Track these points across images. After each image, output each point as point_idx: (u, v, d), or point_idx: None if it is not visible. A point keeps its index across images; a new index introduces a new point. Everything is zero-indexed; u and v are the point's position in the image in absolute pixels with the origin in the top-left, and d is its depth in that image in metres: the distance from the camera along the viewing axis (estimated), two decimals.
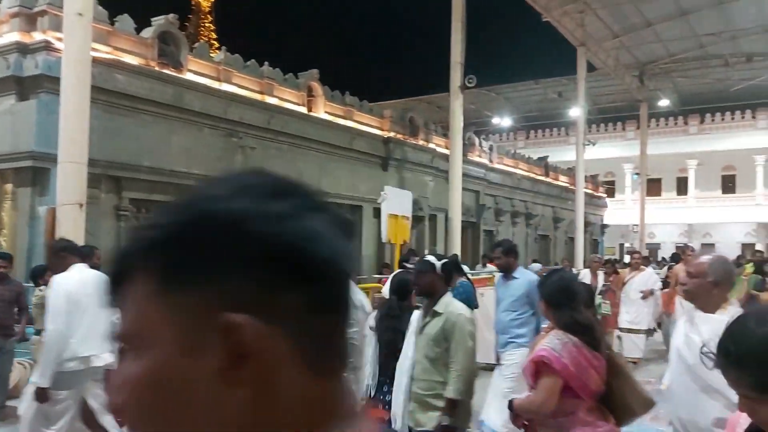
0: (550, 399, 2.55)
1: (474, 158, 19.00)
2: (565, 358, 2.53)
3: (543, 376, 2.59)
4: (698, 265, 2.74)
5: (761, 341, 1.24)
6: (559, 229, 25.12)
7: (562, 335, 2.62)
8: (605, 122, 34.95)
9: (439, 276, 3.44)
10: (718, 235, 33.83)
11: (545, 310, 2.84)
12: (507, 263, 5.20)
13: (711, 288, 2.65)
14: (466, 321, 3.32)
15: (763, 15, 21.93)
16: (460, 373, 3.24)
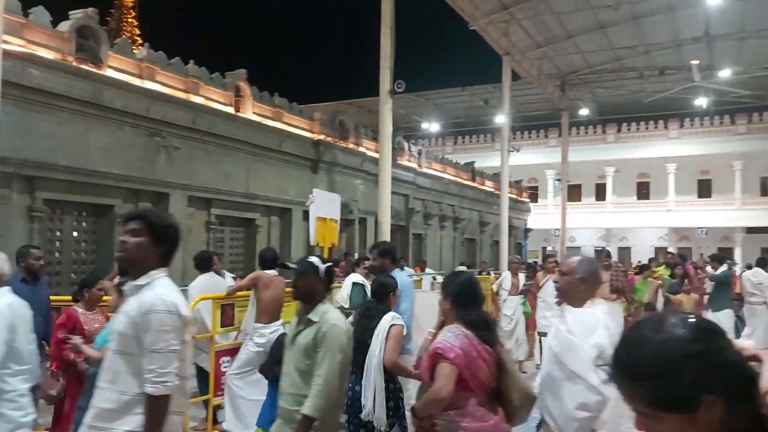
0: (447, 385, 2.66)
1: (403, 162, 19.22)
2: (458, 348, 2.70)
3: (438, 366, 2.71)
4: (568, 264, 3.02)
5: (656, 350, 1.08)
6: (485, 232, 25.76)
7: (456, 329, 2.78)
8: (529, 130, 36.14)
9: (320, 280, 3.14)
10: (633, 239, 35.65)
11: (449, 308, 2.93)
12: (382, 265, 4.92)
13: (579, 284, 2.91)
14: (339, 332, 2.97)
15: (675, 30, 23.31)
16: (322, 388, 2.86)
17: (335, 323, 2.99)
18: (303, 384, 2.98)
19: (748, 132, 31.93)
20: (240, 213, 13.41)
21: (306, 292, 3.14)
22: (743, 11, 21.54)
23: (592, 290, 2.95)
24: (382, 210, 13.93)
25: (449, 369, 2.69)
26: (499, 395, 2.84)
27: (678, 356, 1.05)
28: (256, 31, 42.57)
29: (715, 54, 24.63)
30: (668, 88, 27.24)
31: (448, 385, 2.67)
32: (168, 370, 2.13)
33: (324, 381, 2.88)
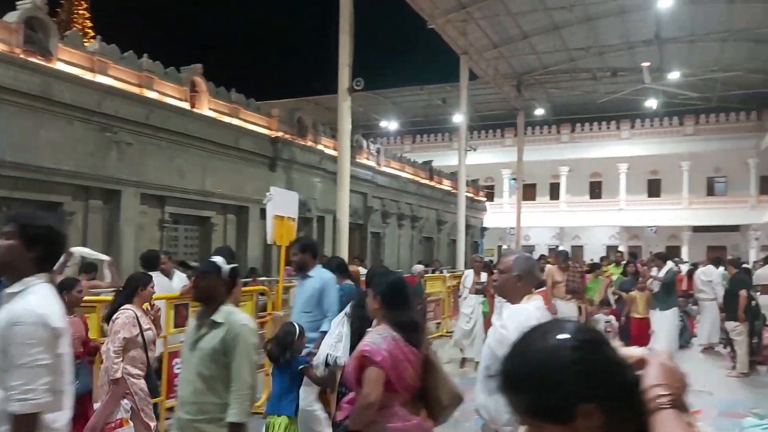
0: (376, 389, 2.66)
1: (362, 161, 19.21)
2: (384, 351, 2.68)
3: (366, 370, 2.69)
4: (505, 262, 3.06)
5: (531, 361, 1.05)
6: (443, 231, 25.97)
7: (383, 330, 2.77)
8: (486, 129, 36.60)
9: (222, 281, 2.98)
10: (586, 237, 36.48)
11: (378, 308, 2.89)
12: (302, 261, 4.78)
13: (516, 281, 2.97)
14: (250, 333, 2.89)
15: (627, 33, 23.96)
16: (247, 392, 2.82)
17: (245, 323, 2.90)
18: (208, 391, 2.84)
19: (696, 133, 33.07)
20: (195, 211, 13.18)
21: (207, 293, 2.98)
22: (692, 15, 22.29)
23: (528, 287, 3.01)
24: (341, 208, 13.92)
25: (377, 373, 2.66)
26: (423, 395, 2.84)
27: (551, 366, 1.02)
28: (213, 26, 41.95)
29: (665, 56, 25.41)
30: (620, 89, 27.98)
31: (376, 389, 2.65)
32: (34, 387, 1.94)
33: (246, 385, 2.81)
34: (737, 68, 26.41)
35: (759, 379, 7.91)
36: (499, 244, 37.27)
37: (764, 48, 25.11)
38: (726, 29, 22.72)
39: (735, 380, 8.29)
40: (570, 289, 8.91)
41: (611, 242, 34.81)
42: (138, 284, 4.52)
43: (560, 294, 8.95)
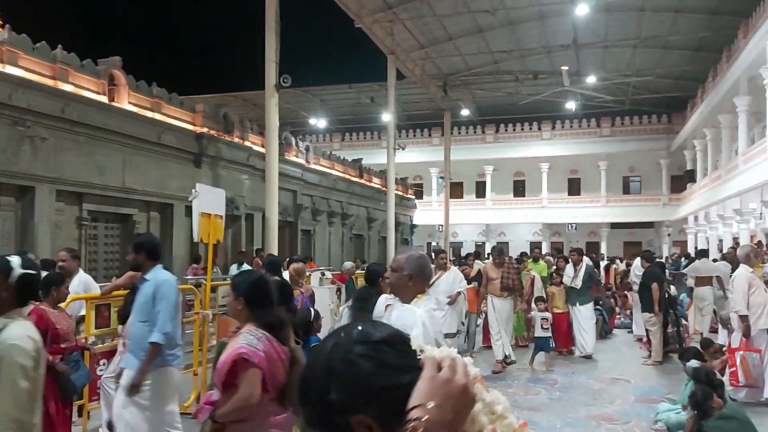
0: (256, 390, 2.65)
1: (291, 158, 19.02)
2: (261, 351, 2.67)
3: (244, 371, 2.65)
4: (398, 261, 3.04)
5: (315, 367, 0.96)
6: (373, 228, 26.10)
7: (256, 331, 2.75)
8: (414, 128, 37.03)
9: (8, 286, 2.31)
10: (510, 234, 37.57)
11: (241, 309, 2.85)
12: (135, 262, 4.24)
13: (407, 281, 2.95)
14: (19, 354, 2.23)
15: (546, 37, 24.86)
16: (5, 425, 2.20)
17: (14, 342, 2.23)
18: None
19: (612, 134, 34.67)
20: (115, 208, 12.66)
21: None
22: (606, 23, 23.41)
23: (419, 286, 2.99)
24: (270, 206, 13.74)
25: (256, 374, 2.65)
26: (285, 391, 2.84)
27: (323, 376, 0.94)
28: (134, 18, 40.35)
29: (582, 61, 26.57)
30: (541, 91, 29.00)
31: (256, 390, 2.64)
32: None
33: (6, 417, 2.18)
34: (648, 73, 27.96)
35: (672, 366, 8.35)
36: (429, 241, 37.85)
37: (672, 55, 26.69)
38: (637, 36, 23.99)
39: (650, 368, 8.73)
40: (505, 286, 8.67)
41: (534, 239, 35.94)
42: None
43: (495, 291, 8.75)
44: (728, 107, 21.39)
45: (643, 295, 9.46)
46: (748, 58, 18.06)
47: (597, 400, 6.82)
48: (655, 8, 21.40)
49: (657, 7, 21.46)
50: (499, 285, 8.65)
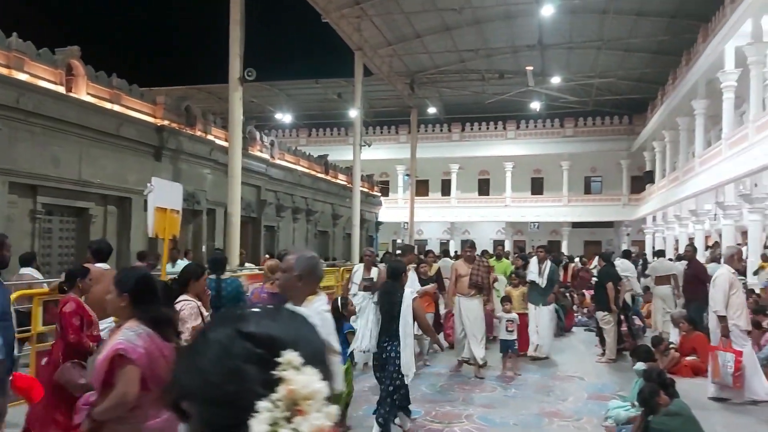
0: (133, 388, 2.57)
1: (255, 153, 18.83)
2: (141, 347, 2.60)
3: (122, 368, 2.58)
4: (287, 261, 3.00)
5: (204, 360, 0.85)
6: (338, 225, 26.04)
7: (137, 327, 2.67)
8: (381, 125, 37.04)
9: None
10: (475, 232, 37.86)
11: (126, 305, 2.77)
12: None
13: (297, 282, 2.92)
14: None
15: (512, 37, 25.09)
16: None
17: None
18: None
19: (575, 135, 35.25)
20: (71, 202, 12.35)
21: None
22: (570, 24, 23.73)
23: (310, 287, 2.96)
24: (232, 201, 13.60)
25: (134, 371, 2.57)
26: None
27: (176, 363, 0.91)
28: (94, 6, 39.25)
29: (546, 61, 26.90)
30: (506, 91, 29.27)
31: (134, 388, 2.56)
32: None
33: None
34: (610, 75, 28.48)
35: (625, 364, 8.51)
36: (394, 238, 37.92)
37: (634, 57, 27.25)
38: (600, 38, 24.42)
39: (604, 366, 8.92)
40: (473, 283, 8.10)
41: (497, 237, 36.34)
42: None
43: (463, 289, 8.20)
44: (686, 110, 21.94)
45: (599, 294, 9.66)
46: (706, 62, 18.54)
47: (551, 397, 6.93)
48: (618, 11, 21.79)
49: (619, 10, 21.86)
50: (467, 282, 8.13)
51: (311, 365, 0.82)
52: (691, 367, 8.15)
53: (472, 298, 8.15)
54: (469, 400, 6.68)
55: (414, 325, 8.15)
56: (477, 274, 8.13)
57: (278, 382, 0.79)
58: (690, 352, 8.36)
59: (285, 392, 0.78)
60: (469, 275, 8.10)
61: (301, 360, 0.81)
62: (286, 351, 0.81)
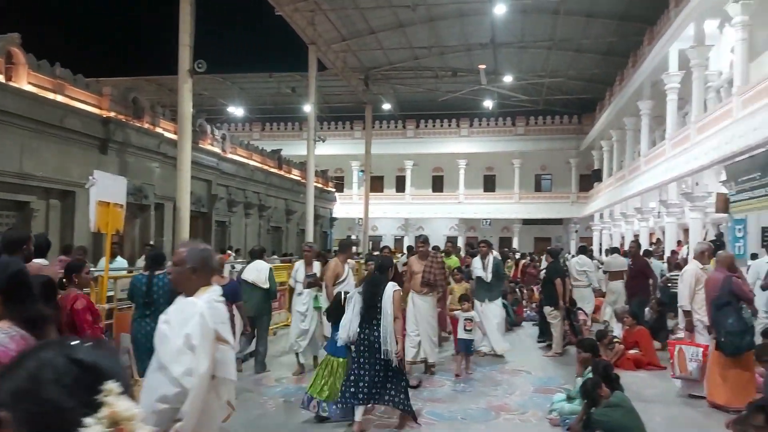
0: None
1: (206, 146, 18.49)
2: (13, 351, 2.41)
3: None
4: (179, 254, 2.94)
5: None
6: (292, 221, 25.83)
7: (8, 329, 2.49)
8: (335, 121, 36.91)
9: None
10: (428, 228, 38.16)
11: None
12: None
13: (190, 274, 2.85)
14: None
15: (465, 35, 25.34)
16: None
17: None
18: None
19: (526, 133, 35.89)
20: (11, 195, 11.86)
21: None
22: (522, 24, 24.12)
23: (203, 279, 2.90)
24: (181, 195, 13.29)
25: None
26: None
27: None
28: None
29: (499, 60, 27.26)
30: (460, 89, 29.55)
31: None
32: None
33: None
34: (561, 75, 29.11)
35: (570, 358, 8.66)
36: (348, 234, 37.86)
37: (584, 58, 27.92)
38: (551, 38, 24.91)
39: (550, 360, 9.10)
40: (425, 281, 7.73)
41: (451, 233, 36.71)
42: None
43: (416, 286, 7.79)
44: (633, 110, 22.61)
45: (547, 290, 9.83)
46: (652, 64, 19.14)
47: (498, 391, 7.03)
48: (569, 12, 22.25)
49: (570, 11, 22.32)
50: (420, 279, 7.74)
51: (125, 394, 0.96)
52: (634, 360, 8.39)
53: (424, 296, 7.80)
54: (418, 394, 6.71)
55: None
56: (429, 271, 7.76)
57: (100, 405, 0.92)
58: (633, 345, 8.61)
59: (108, 413, 0.92)
60: (422, 272, 7.75)
61: (120, 389, 0.95)
62: (108, 380, 0.95)
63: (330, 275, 7.30)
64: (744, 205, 11.74)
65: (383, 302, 5.43)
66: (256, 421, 5.78)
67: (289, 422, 5.75)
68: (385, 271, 5.79)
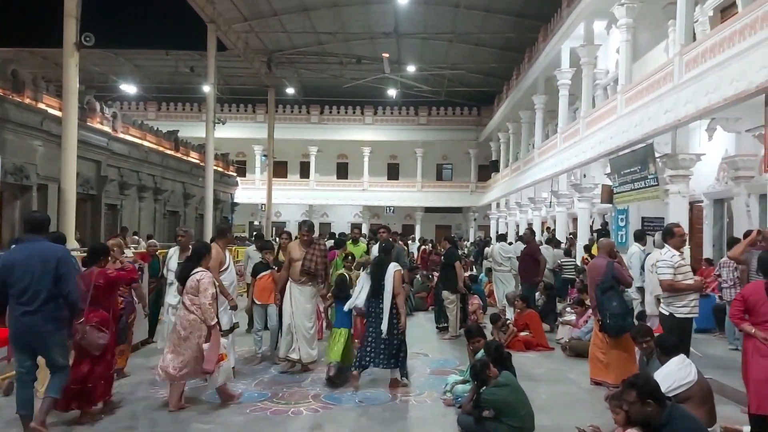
0: None
1: (95, 125, 17.39)
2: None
3: None
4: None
5: None
6: (190, 205, 24.91)
7: None
8: (237, 103, 35.94)
9: None
10: (333, 215, 38.22)
11: None
12: None
13: None
14: None
15: (369, 23, 25.38)
16: None
17: None
18: None
19: (428, 123, 36.62)
20: None
21: None
22: (425, 15, 24.49)
23: None
24: (67, 176, 12.46)
25: None
26: None
27: None
28: None
29: (402, 50, 27.59)
30: (364, 76, 29.65)
31: None
32: None
33: None
34: (462, 67, 29.87)
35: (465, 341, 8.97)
36: (251, 220, 37.17)
37: (483, 52, 28.77)
38: (452, 31, 25.47)
39: (447, 343, 9.38)
40: (305, 270, 7.04)
41: (355, 220, 36.90)
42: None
43: (295, 275, 7.13)
44: (528, 104, 23.60)
45: (445, 274, 10.10)
46: (545, 61, 20.03)
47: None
48: (469, 6, 22.82)
49: (470, 5, 22.90)
50: (300, 268, 7.08)
51: None
52: (524, 342, 8.82)
53: (303, 286, 7.11)
54: (317, 380, 6.70)
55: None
56: (310, 259, 7.05)
57: None
58: (523, 328, 9.03)
59: None
60: (302, 260, 7.07)
61: None
62: None
63: (214, 264, 6.55)
64: (626, 196, 12.58)
65: (386, 280, 6.36)
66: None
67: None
68: (388, 253, 6.85)
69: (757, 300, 4.53)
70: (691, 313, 5.91)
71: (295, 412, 5.59)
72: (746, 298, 4.62)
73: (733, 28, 8.42)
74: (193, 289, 5.54)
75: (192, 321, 5.50)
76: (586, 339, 7.78)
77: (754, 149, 9.79)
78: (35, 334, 4.52)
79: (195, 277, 5.57)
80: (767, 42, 7.44)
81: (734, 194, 10.86)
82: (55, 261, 4.58)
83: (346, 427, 5.25)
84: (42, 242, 4.75)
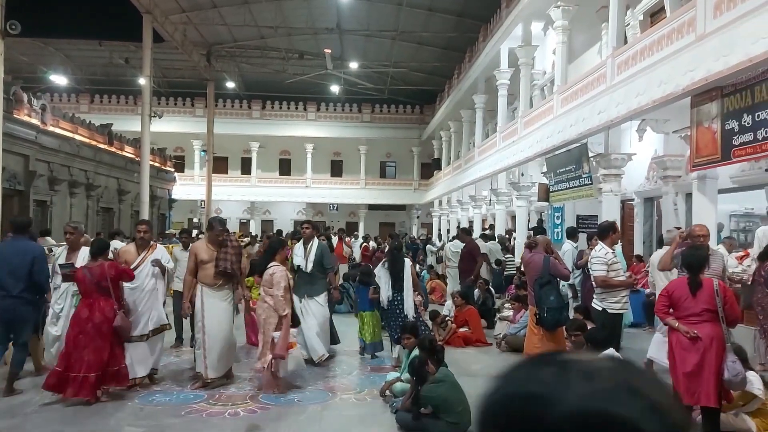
0: None
1: (21, 117, 16.56)
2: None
3: None
4: None
5: None
6: (125, 201, 24.07)
7: None
8: (175, 96, 34.97)
9: None
10: (275, 212, 37.76)
11: None
12: None
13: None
14: None
15: (312, 18, 25.17)
16: None
17: None
18: None
19: (372, 121, 36.63)
20: None
21: None
22: (368, 12, 24.48)
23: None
24: None
25: None
26: None
27: None
28: None
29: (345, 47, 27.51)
30: (307, 72, 29.39)
31: None
32: None
33: None
34: (404, 66, 30.04)
35: None
36: (190, 217, 36.25)
37: (425, 50, 29.00)
38: (395, 29, 25.55)
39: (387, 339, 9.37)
40: (221, 270, 6.29)
41: (298, 217, 36.55)
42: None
43: (207, 278, 6.32)
44: (469, 103, 23.93)
45: None
46: (485, 61, 20.34)
47: (335, 372, 7.13)
48: (411, 4, 22.94)
49: (413, 3, 23.02)
50: (213, 270, 6.28)
51: None
52: (463, 337, 8.93)
53: (217, 290, 6.33)
54: (256, 380, 6.59)
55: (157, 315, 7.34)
56: (225, 258, 6.29)
57: None
58: (463, 324, 9.16)
59: None
60: (214, 261, 6.28)
61: None
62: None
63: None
64: (561, 194, 12.93)
65: (405, 274, 7.44)
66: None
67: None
68: (401, 250, 8.02)
69: (681, 295, 4.72)
70: (622, 309, 6.13)
71: (232, 413, 5.48)
72: (671, 293, 4.82)
73: (661, 33, 8.76)
74: (267, 282, 6.14)
75: (266, 309, 6.09)
76: (521, 334, 7.96)
77: (681, 150, 10.22)
78: (13, 311, 5.86)
79: (269, 271, 6.17)
80: (692, 46, 7.76)
81: (663, 193, 11.33)
82: (32, 257, 6.00)
83: (285, 427, 5.18)
84: (24, 241, 6.14)
